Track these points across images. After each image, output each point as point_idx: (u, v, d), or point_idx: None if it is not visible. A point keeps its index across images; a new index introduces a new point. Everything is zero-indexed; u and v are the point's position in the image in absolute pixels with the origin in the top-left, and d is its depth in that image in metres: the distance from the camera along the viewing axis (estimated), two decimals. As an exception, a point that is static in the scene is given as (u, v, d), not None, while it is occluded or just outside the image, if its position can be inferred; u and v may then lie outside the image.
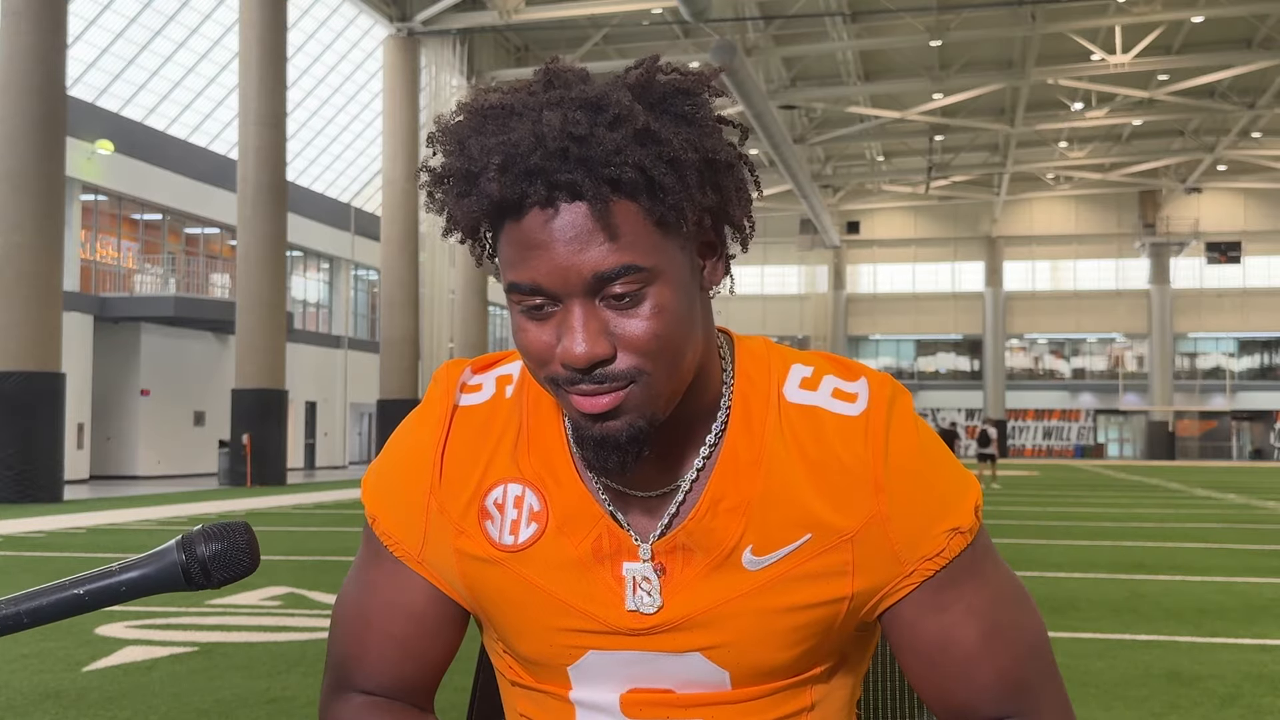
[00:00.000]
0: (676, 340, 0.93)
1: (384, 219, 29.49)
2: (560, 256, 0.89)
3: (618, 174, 0.88)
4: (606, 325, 0.91)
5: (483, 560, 1.03)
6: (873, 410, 1.00)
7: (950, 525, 1.00)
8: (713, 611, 0.99)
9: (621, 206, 0.90)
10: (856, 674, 1.09)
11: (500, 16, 28.82)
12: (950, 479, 1.02)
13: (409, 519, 1.07)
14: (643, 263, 0.90)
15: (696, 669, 1.01)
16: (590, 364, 0.91)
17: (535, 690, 1.06)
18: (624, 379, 0.92)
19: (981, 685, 1.01)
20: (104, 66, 26.75)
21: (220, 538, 0.86)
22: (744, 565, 0.99)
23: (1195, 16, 30.93)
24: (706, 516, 0.99)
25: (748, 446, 1.00)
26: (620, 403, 0.92)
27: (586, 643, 1.01)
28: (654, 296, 0.91)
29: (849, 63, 35.66)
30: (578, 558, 1.01)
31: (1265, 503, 19.25)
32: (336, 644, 1.12)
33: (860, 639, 1.07)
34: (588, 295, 0.90)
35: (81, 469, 25.18)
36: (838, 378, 1.03)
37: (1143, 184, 50.91)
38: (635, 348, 0.91)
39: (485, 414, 1.07)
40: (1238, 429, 54.54)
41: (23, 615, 0.82)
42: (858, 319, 56.28)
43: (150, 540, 11.53)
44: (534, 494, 1.02)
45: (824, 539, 0.98)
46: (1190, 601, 7.45)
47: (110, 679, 4.95)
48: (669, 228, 0.92)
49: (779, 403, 1.01)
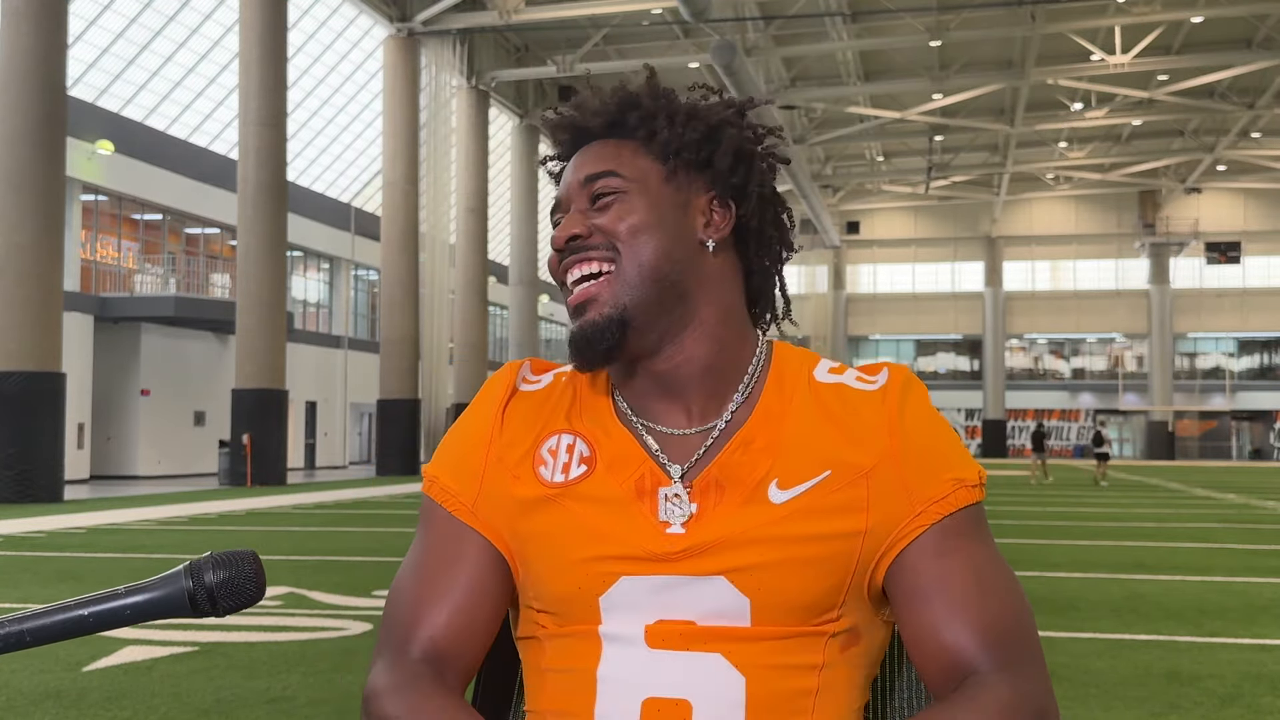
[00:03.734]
0: (644, 238, 1.11)
1: (384, 219, 29.48)
2: (571, 174, 1.17)
3: (625, 118, 1.16)
4: (586, 218, 1.13)
5: (532, 500, 1.12)
6: (890, 385, 1.13)
7: (958, 475, 1.09)
8: (739, 537, 1.06)
9: (626, 143, 1.16)
10: (865, 666, 1.11)
11: (500, 16, 28.81)
12: (957, 445, 1.12)
13: (467, 469, 1.16)
14: (619, 171, 1.14)
15: (720, 595, 1.05)
16: (565, 239, 1.12)
17: (563, 636, 1.09)
18: (596, 251, 1.11)
19: (971, 625, 1.04)
20: (104, 66, 26.74)
21: (228, 566, 0.87)
22: (770, 499, 1.07)
23: (1195, 16, 30.93)
24: (738, 452, 1.10)
25: (778, 403, 1.13)
26: (593, 295, 1.11)
27: (619, 569, 1.06)
28: (628, 200, 1.13)
29: (849, 63, 35.66)
30: (621, 494, 1.09)
31: (1265, 503, 19.25)
32: (391, 615, 1.15)
33: (871, 619, 1.10)
34: (582, 201, 1.14)
35: (82, 469, 25.18)
36: (861, 371, 1.17)
37: (1142, 184, 50.93)
38: (604, 231, 1.12)
39: (543, 394, 1.19)
40: (1237, 429, 54.56)
41: (26, 634, 0.83)
42: (858, 319, 56.31)
43: (150, 540, 11.53)
44: (584, 443, 1.14)
45: (843, 474, 1.08)
46: (1190, 601, 7.46)
47: (110, 679, 4.95)
48: (658, 159, 1.15)
49: (809, 380, 1.15)
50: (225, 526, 13.46)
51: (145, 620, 0.86)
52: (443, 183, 30.21)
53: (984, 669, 1.04)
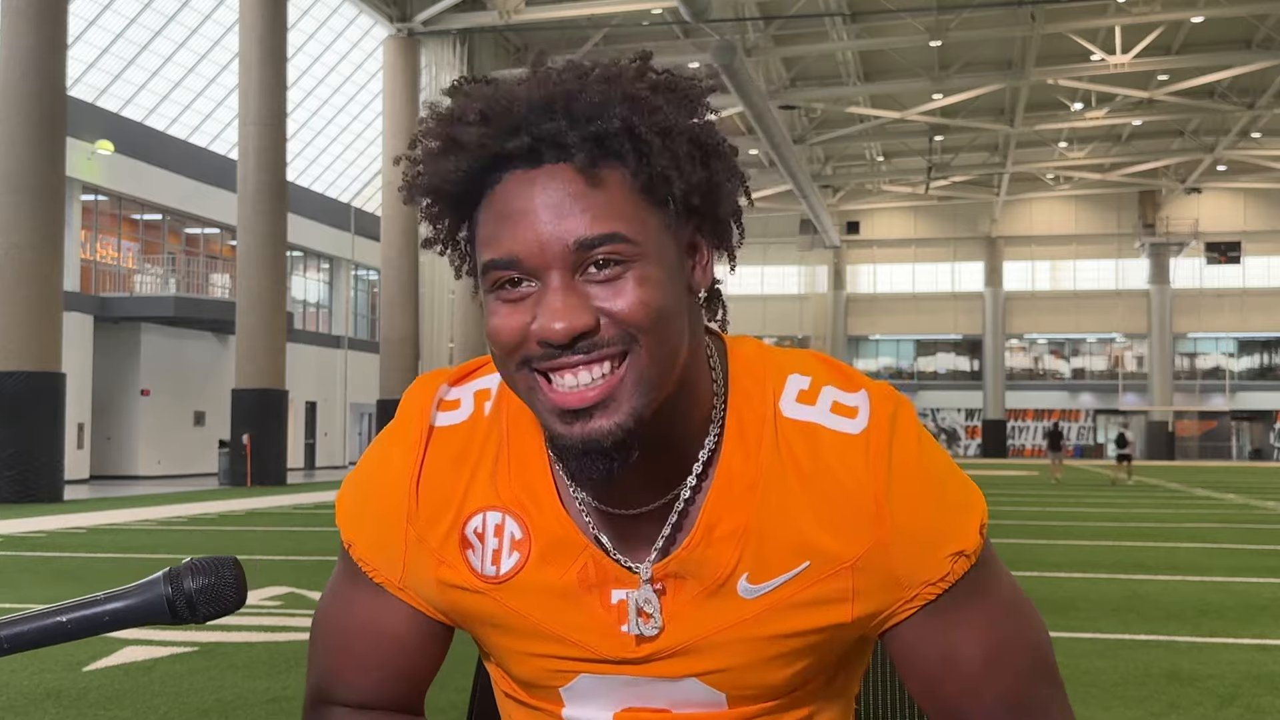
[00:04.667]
0: (666, 318, 0.87)
1: (384, 219, 29.49)
2: (541, 224, 0.85)
3: (605, 127, 0.85)
4: (588, 299, 0.86)
5: (467, 590, 1.00)
6: (874, 429, 0.95)
7: (954, 549, 0.96)
8: (708, 639, 0.96)
9: (608, 173, 0.86)
10: (855, 674, 1.09)
11: (500, 17, 28.81)
12: (955, 499, 0.97)
13: (387, 548, 1.03)
14: (627, 233, 0.86)
15: (692, 692, 0.99)
16: (570, 336, 0.85)
17: (529, 707, 1.05)
18: (612, 346, 0.86)
19: (984, 706, 0.99)
20: (104, 66, 26.75)
21: (208, 572, 0.86)
22: (739, 594, 0.95)
23: (1195, 17, 30.92)
24: (700, 545, 0.95)
25: (743, 469, 0.95)
26: (606, 396, 0.86)
27: (578, 668, 0.99)
28: (639, 270, 0.86)
29: (849, 63, 35.65)
30: (563, 587, 0.97)
31: (1264, 503, 19.24)
32: (317, 658, 1.10)
33: (859, 646, 1.06)
34: (568, 270, 0.85)
35: (81, 469, 25.18)
36: (837, 388, 0.98)
37: (1142, 184, 50.90)
38: (621, 318, 0.85)
39: (463, 435, 1.01)
40: (1237, 429, 54.53)
41: (2, 641, 0.82)
42: (857, 319, 56.27)
43: (150, 540, 11.53)
44: (514, 521, 0.98)
45: (823, 566, 0.94)
46: (1190, 601, 7.45)
47: (110, 679, 4.95)
48: (656, 204, 0.88)
49: (775, 419, 0.96)
50: (225, 527, 13.45)
51: (124, 627, 0.84)
52: (443, 183, 30.19)
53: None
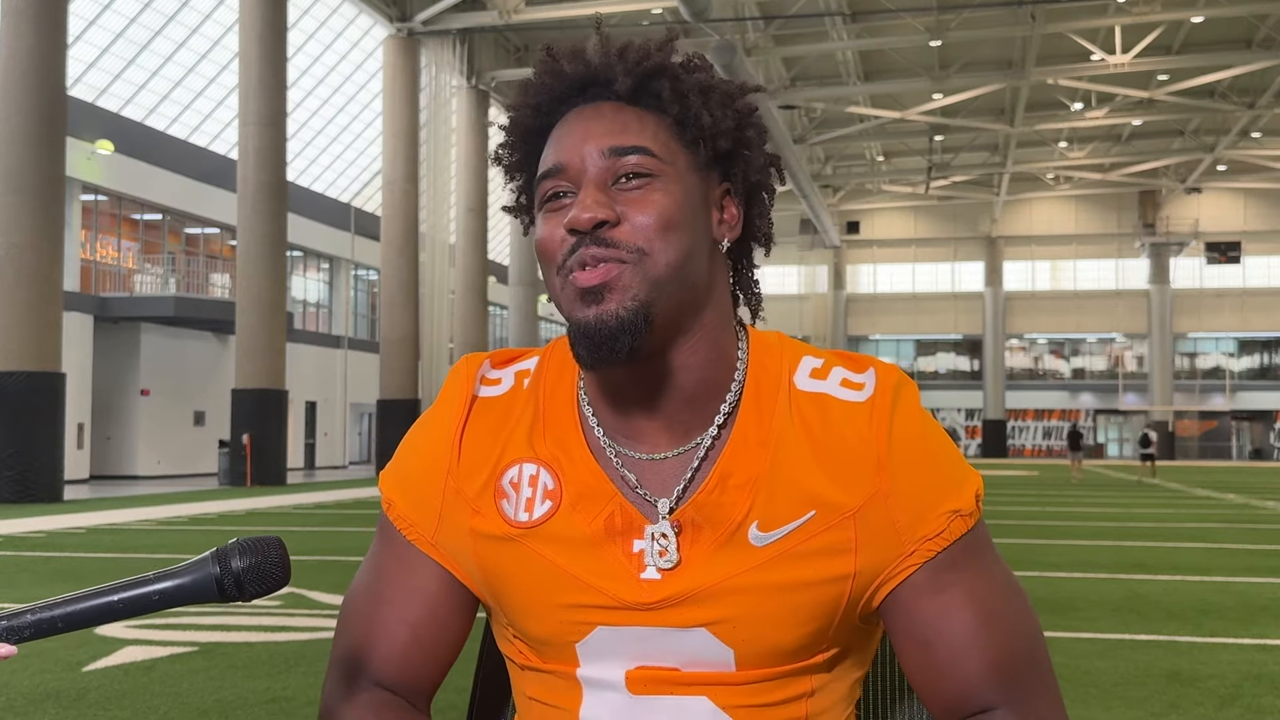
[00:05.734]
0: (674, 236, 0.99)
1: (384, 219, 29.49)
2: (582, 137, 1.01)
3: (648, 66, 1.03)
4: (615, 200, 0.99)
5: (497, 538, 1.05)
6: (878, 396, 1.03)
7: (951, 507, 1.01)
8: (719, 586, 1.00)
9: (646, 112, 1.03)
10: (857, 671, 1.09)
11: (500, 16, 28.83)
12: (952, 465, 1.04)
13: (425, 500, 1.09)
14: (656, 151, 1.00)
15: (702, 646, 1.01)
16: (593, 224, 0.97)
17: (543, 671, 1.07)
18: (624, 248, 0.97)
19: (975, 671, 1.01)
20: (104, 66, 26.75)
21: (254, 552, 0.89)
22: (750, 541, 1.00)
23: (1195, 16, 30.92)
24: (715, 491, 1.01)
25: (757, 427, 1.03)
26: (614, 277, 0.97)
27: (595, 618, 1.02)
28: (662, 189, 1.00)
29: (849, 63, 35.66)
30: (590, 534, 1.03)
31: (1265, 503, 19.25)
32: (345, 634, 1.13)
33: (863, 635, 1.07)
34: (602, 176, 0.99)
35: (81, 469, 25.18)
36: (846, 369, 1.06)
37: (1142, 184, 50.92)
38: (638, 224, 0.98)
39: (504, 405, 1.10)
40: (1237, 429, 54.55)
41: (58, 620, 0.85)
42: (858, 319, 56.31)
43: (150, 540, 11.54)
44: (548, 473, 1.05)
45: (827, 516, 1.00)
46: (1190, 601, 7.46)
47: (110, 679, 4.95)
48: (687, 144, 1.02)
49: (789, 389, 1.05)
50: (225, 526, 13.45)
51: (173, 606, 0.88)
52: (442, 183, 30.23)
53: (993, 704, 1.02)
